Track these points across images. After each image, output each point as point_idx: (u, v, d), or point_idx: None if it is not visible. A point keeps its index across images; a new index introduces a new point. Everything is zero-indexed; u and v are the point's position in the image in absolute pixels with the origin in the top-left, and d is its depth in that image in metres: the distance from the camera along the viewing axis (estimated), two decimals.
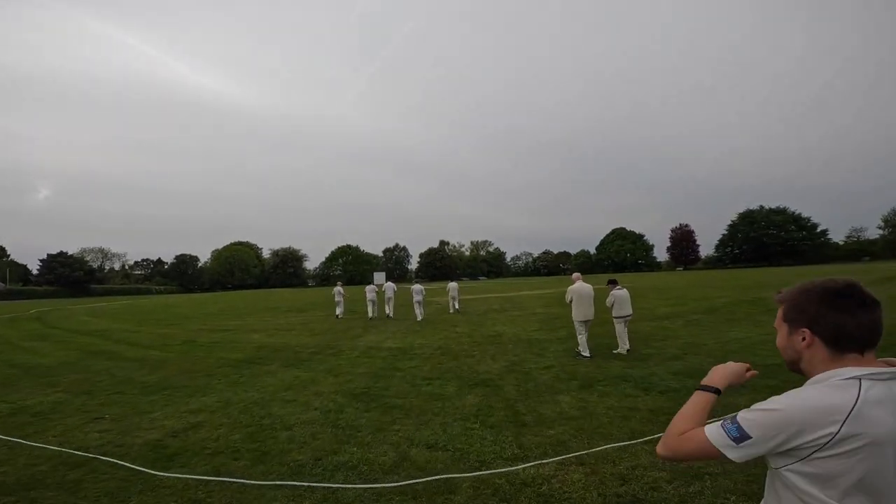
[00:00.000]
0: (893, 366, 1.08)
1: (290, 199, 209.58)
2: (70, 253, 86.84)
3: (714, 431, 1.12)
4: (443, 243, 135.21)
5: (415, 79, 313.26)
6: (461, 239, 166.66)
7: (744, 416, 1.10)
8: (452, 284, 19.86)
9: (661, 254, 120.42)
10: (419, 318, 15.93)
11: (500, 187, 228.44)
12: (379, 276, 72.49)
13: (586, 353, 8.39)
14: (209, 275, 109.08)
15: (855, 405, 1.02)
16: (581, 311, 8.59)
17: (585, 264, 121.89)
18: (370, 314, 17.70)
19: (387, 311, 17.92)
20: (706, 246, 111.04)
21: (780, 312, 1.22)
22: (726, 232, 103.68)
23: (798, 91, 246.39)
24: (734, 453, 1.09)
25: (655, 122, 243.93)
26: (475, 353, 9.40)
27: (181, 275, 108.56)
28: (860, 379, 1.05)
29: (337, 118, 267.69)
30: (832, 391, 1.06)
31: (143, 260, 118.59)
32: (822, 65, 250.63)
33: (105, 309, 32.05)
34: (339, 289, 19.91)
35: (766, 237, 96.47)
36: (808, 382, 1.14)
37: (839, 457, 1.02)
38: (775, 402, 1.08)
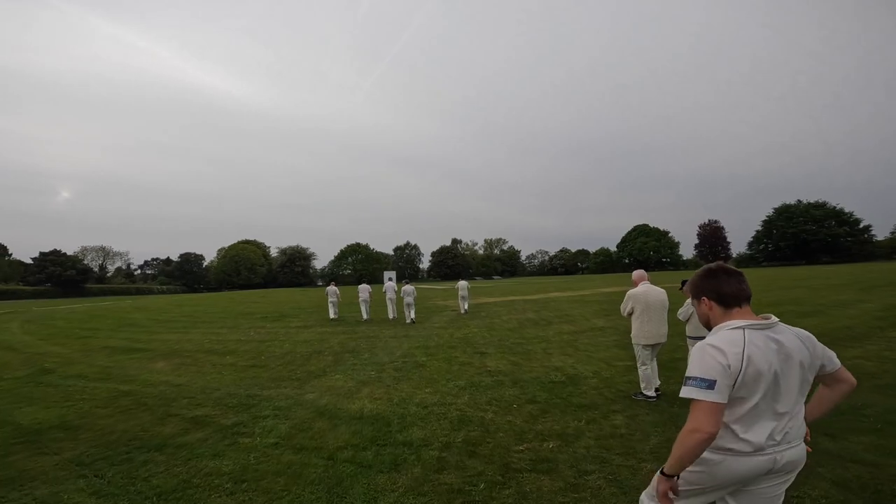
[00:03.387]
0: (766, 320, 1.67)
1: (299, 198, 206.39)
2: (72, 252, 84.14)
3: (690, 392, 1.59)
4: (455, 241, 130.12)
5: (430, 80, 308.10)
6: (475, 237, 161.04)
7: (692, 374, 1.60)
8: (462, 283, 17.91)
9: (685, 251, 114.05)
10: (409, 319, 14.65)
11: (514, 186, 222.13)
12: (390, 276, 68.15)
13: (651, 393, 5.50)
14: (215, 274, 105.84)
15: (744, 346, 1.59)
16: (647, 330, 5.52)
17: (605, 262, 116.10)
18: (390, 315, 16.56)
19: (390, 314, 16.52)
20: (735, 243, 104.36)
21: (689, 296, 2.10)
22: (760, 228, 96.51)
23: (820, 86, 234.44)
24: (718, 397, 1.54)
25: (674, 121, 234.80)
26: (547, 445, 4.14)
27: (186, 274, 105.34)
28: (744, 328, 1.64)
29: (347, 117, 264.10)
30: (728, 333, 1.65)
31: (152, 259, 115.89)
32: (842, 60, 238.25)
33: (64, 313, 27.48)
34: (333, 288, 17.72)
35: (806, 233, 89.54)
36: (712, 331, 1.74)
37: (743, 385, 1.57)
38: (697, 352, 1.64)
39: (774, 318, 1.67)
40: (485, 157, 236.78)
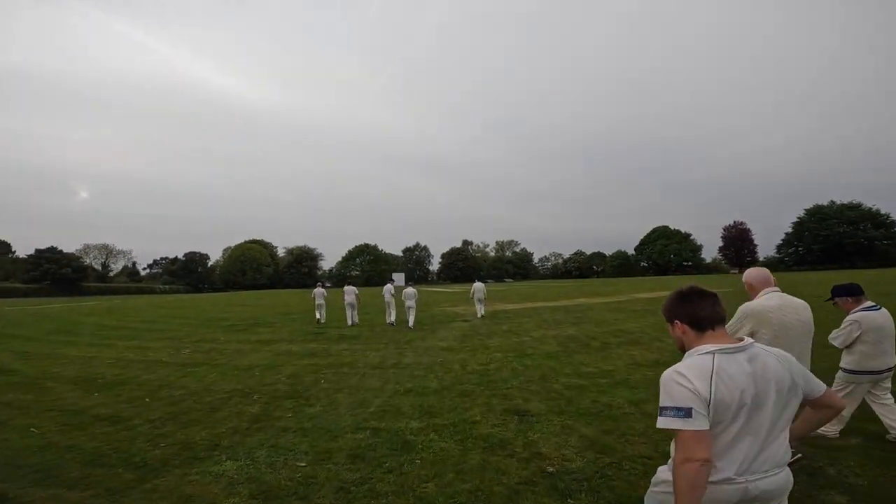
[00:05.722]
0: (739, 342, 1.57)
1: (308, 199, 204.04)
2: (73, 250, 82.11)
3: (667, 423, 1.48)
4: (466, 243, 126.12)
5: (438, 79, 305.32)
6: (486, 239, 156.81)
7: (665, 404, 1.50)
8: (478, 285, 16.21)
9: (707, 255, 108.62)
10: (409, 324, 13.37)
11: (527, 188, 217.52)
12: (398, 277, 64.78)
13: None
14: (220, 274, 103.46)
15: (712, 372, 1.48)
16: None
17: (623, 266, 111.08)
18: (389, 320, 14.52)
19: (388, 319, 14.57)
20: (761, 247, 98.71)
21: (665, 319, 1.80)
22: (791, 230, 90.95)
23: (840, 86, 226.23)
24: (698, 424, 1.43)
25: (689, 122, 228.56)
26: None
27: (190, 274, 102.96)
28: (714, 353, 1.52)
29: (357, 118, 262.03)
30: (697, 359, 1.54)
31: (160, 258, 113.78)
32: (861, 62, 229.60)
33: (13, 313, 24.11)
34: (320, 290, 16.21)
35: (840, 235, 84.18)
36: (685, 357, 1.63)
37: (712, 414, 1.45)
38: (666, 380, 1.54)
39: (749, 340, 1.60)
40: (498, 159, 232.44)
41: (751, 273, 3.47)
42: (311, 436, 4.51)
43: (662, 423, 1.48)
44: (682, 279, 49.42)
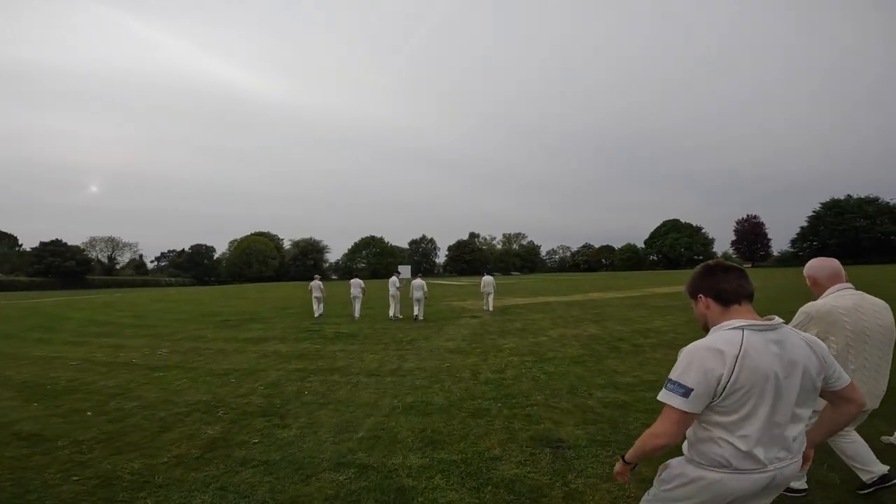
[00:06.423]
0: (769, 321, 1.45)
1: (315, 193, 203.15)
2: (80, 243, 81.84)
3: (666, 395, 1.43)
4: (473, 235, 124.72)
5: (441, 72, 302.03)
6: (493, 231, 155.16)
7: (674, 377, 1.43)
8: (488, 279, 15.50)
9: (719, 249, 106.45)
10: (416, 316, 13.20)
11: (534, 181, 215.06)
12: (405, 270, 63.58)
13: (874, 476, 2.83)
14: (226, 266, 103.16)
15: (741, 350, 1.38)
16: (857, 382, 2.30)
17: (632, 259, 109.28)
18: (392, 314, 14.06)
19: (392, 313, 14.16)
20: (775, 241, 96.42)
21: (688, 296, 1.67)
22: (807, 224, 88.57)
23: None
24: (691, 406, 1.38)
25: (703, 118, 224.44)
26: None
27: (196, 266, 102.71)
28: (743, 329, 1.43)
29: (363, 113, 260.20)
30: (725, 334, 1.44)
31: (168, 251, 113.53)
32: (873, 57, 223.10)
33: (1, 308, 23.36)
34: (317, 283, 15.67)
35: (858, 230, 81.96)
36: (709, 332, 1.53)
37: (735, 393, 1.37)
38: (687, 353, 1.44)
39: (778, 320, 1.48)
40: (505, 153, 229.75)
41: (815, 265, 2.81)
42: (277, 473, 3.40)
43: (662, 395, 1.44)
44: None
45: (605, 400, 4.93)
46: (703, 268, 1.63)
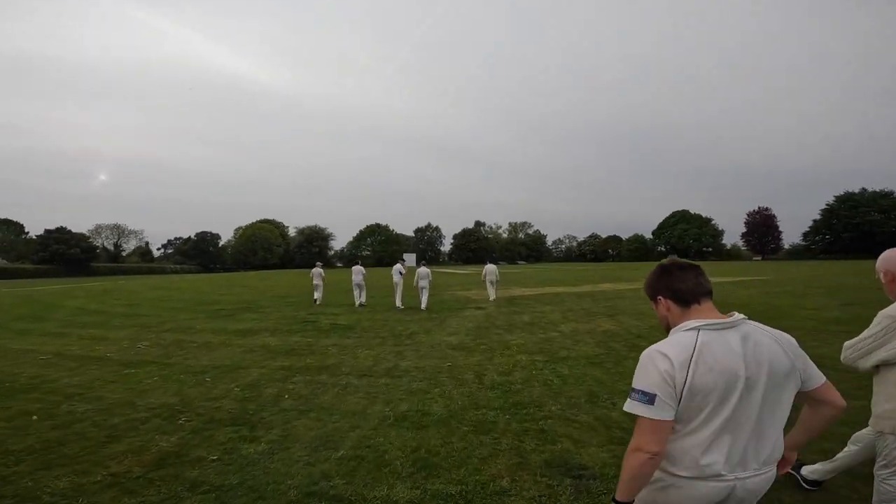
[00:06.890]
0: (728, 317, 1.35)
1: (321, 182, 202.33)
2: (84, 230, 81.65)
3: (632, 406, 1.31)
4: (478, 224, 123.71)
5: (453, 63, 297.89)
6: (498, 220, 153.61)
7: (634, 386, 1.32)
8: (490, 268, 15.24)
9: (728, 241, 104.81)
10: (422, 306, 12.93)
11: (540, 171, 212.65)
12: (409, 258, 63.03)
13: None
14: (231, 254, 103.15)
15: (694, 351, 1.28)
16: None
17: (640, 250, 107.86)
18: (397, 304, 13.61)
19: (396, 302, 13.71)
20: (786, 234, 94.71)
21: (648, 299, 1.56)
22: (819, 217, 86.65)
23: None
24: (658, 413, 1.26)
25: (715, 112, 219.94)
26: None
27: (201, 254, 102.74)
28: (698, 329, 1.33)
29: (369, 102, 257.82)
30: (679, 336, 1.35)
31: (174, 238, 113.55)
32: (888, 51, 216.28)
33: None
34: (318, 270, 15.88)
35: (872, 224, 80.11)
36: (669, 334, 1.43)
37: (694, 397, 1.26)
38: (643, 359, 1.34)
39: (740, 316, 1.38)
40: (514, 144, 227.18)
41: (892, 257, 2.20)
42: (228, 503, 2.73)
43: (628, 406, 1.34)
44: (701, 266, 46.77)
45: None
46: (659, 268, 1.55)
